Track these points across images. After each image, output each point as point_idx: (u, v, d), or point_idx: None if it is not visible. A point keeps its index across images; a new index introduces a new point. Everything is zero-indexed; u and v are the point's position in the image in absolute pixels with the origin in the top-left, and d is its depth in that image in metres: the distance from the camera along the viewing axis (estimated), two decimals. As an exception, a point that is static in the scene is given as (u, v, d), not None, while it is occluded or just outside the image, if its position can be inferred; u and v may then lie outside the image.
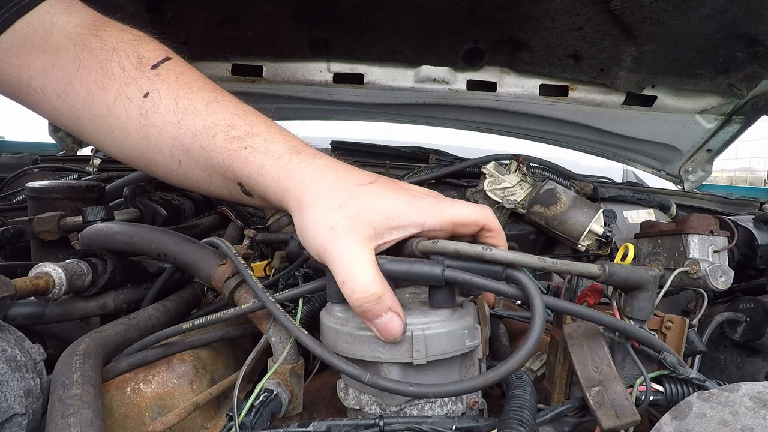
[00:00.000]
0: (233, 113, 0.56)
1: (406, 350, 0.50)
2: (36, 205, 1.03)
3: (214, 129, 0.55)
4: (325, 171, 0.53)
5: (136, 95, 0.57)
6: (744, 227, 1.08)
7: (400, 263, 0.50)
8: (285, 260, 1.04)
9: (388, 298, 0.48)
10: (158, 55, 0.59)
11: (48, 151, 1.84)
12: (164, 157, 0.59)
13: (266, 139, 0.54)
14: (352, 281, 0.48)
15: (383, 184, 0.53)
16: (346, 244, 0.49)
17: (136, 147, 0.60)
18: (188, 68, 0.60)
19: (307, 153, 0.54)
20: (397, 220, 0.51)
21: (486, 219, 0.54)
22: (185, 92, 0.57)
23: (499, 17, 1.29)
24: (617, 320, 0.54)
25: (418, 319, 0.50)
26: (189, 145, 0.56)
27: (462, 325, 0.52)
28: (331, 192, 0.51)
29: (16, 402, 0.47)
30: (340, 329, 0.53)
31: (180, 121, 0.56)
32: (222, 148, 0.55)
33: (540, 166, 1.32)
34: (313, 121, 2.06)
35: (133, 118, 0.57)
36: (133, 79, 0.57)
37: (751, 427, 0.42)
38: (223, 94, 0.59)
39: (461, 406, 0.54)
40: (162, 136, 0.57)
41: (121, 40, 0.59)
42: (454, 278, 0.49)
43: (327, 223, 0.49)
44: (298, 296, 0.63)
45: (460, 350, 0.52)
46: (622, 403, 0.50)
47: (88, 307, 0.71)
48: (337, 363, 0.49)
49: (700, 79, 1.44)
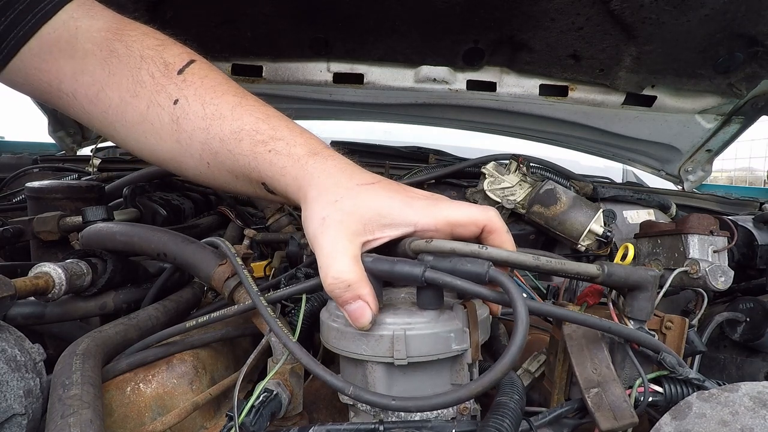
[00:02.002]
0: (257, 117, 0.59)
1: (387, 349, 0.50)
2: (36, 205, 1.03)
3: (240, 134, 0.58)
4: (333, 171, 0.55)
5: (166, 102, 0.60)
6: (744, 227, 1.08)
7: (383, 262, 0.50)
8: (285, 260, 1.04)
9: (360, 287, 0.49)
10: (182, 59, 0.61)
11: (48, 151, 1.83)
12: (194, 159, 0.62)
13: (288, 142, 0.57)
14: (327, 268, 0.50)
15: (384, 185, 0.54)
16: (332, 235, 0.51)
17: (169, 151, 0.62)
18: (211, 70, 0.63)
19: (323, 155, 0.57)
20: (389, 218, 0.52)
21: (487, 220, 0.54)
22: (211, 97, 0.60)
23: (499, 17, 1.29)
24: (602, 321, 0.52)
25: (402, 319, 0.50)
26: (217, 149, 0.59)
27: (448, 328, 0.51)
28: (331, 189, 0.53)
29: (15, 402, 0.47)
30: (331, 324, 0.54)
31: (208, 126, 0.59)
32: (248, 151, 0.57)
33: (540, 166, 1.32)
34: (313, 121, 2.06)
35: (165, 125, 0.60)
36: (162, 87, 0.60)
37: (750, 427, 0.42)
38: (246, 98, 0.61)
39: (452, 410, 0.53)
40: (192, 141, 0.60)
41: (146, 47, 0.61)
42: (434, 280, 0.49)
43: (320, 215, 0.52)
44: (290, 295, 0.63)
45: (445, 353, 0.51)
46: (621, 405, 0.50)
47: (88, 307, 0.71)
48: (322, 374, 0.49)
49: (700, 79, 1.44)
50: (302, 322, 0.62)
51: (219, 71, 0.64)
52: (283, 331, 0.54)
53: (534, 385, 0.69)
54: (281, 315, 0.67)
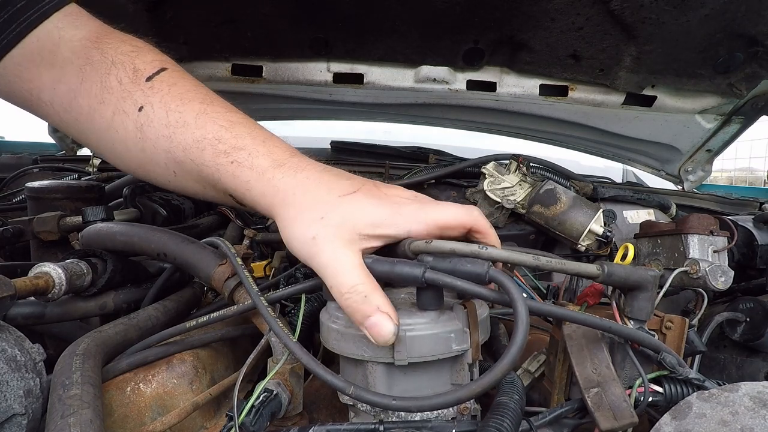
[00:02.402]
0: (221, 125, 0.56)
1: (389, 350, 0.50)
2: (36, 205, 1.03)
3: (203, 143, 0.55)
4: (308, 185, 0.53)
5: (131, 109, 0.57)
6: (744, 227, 1.08)
7: (383, 263, 0.50)
8: (285, 260, 1.04)
9: (376, 297, 0.48)
10: (154, 66, 0.59)
11: (48, 151, 1.83)
12: (161, 168, 0.60)
13: (250, 153, 0.54)
14: (339, 285, 0.48)
15: (366, 192, 0.53)
16: (330, 251, 0.49)
17: (135, 159, 0.60)
18: (182, 78, 0.60)
19: (290, 165, 0.54)
20: (381, 228, 0.51)
21: (473, 221, 0.54)
22: (176, 105, 0.57)
23: (499, 17, 1.29)
24: (603, 321, 0.53)
25: (402, 320, 0.50)
26: (181, 159, 0.57)
27: (448, 329, 0.51)
28: (312, 205, 0.51)
29: (15, 402, 0.47)
30: (332, 326, 0.54)
31: (171, 135, 0.56)
32: (210, 162, 0.55)
33: (540, 166, 1.32)
34: (313, 121, 2.05)
35: (130, 132, 0.58)
36: (129, 93, 0.57)
37: (750, 427, 0.42)
38: (213, 105, 0.58)
39: (452, 411, 0.54)
40: (156, 150, 0.58)
41: (120, 52, 0.59)
42: (434, 280, 0.49)
43: (309, 234, 0.50)
44: (290, 295, 0.63)
45: (446, 354, 0.51)
46: (621, 405, 0.50)
47: (87, 307, 0.71)
48: (322, 374, 0.49)
49: (700, 79, 1.44)
50: (302, 323, 0.62)
51: (192, 79, 0.61)
52: (284, 330, 0.54)
53: (534, 385, 0.69)
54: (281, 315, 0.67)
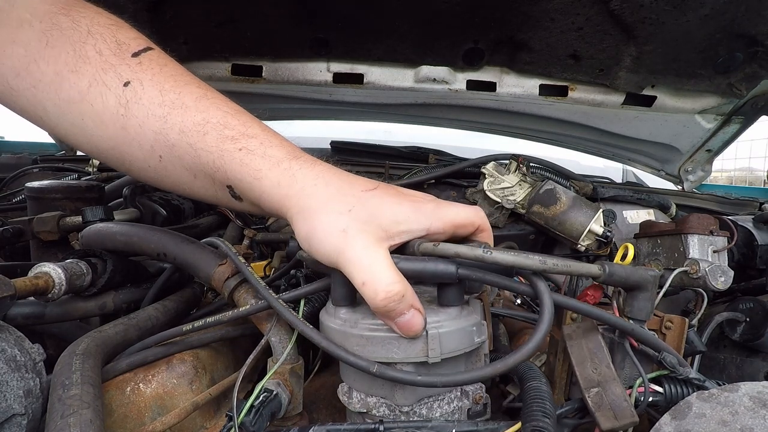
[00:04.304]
0: (225, 111, 0.54)
1: (421, 349, 0.50)
2: (36, 205, 1.03)
3: (206, 126, 0.52)
4: (329, 177, 0.52)
5: (114, 82, 0.53)
6: (744, 227, 1.08)
7: (414, 262, 0.51)
8: (285, 260, 1.04)
9: (409, 296, 0.48)
10: (138, 43, 0.56)
11: (48, 151, 1.84)
12: (143, 151, 0.55)
13: (263, 142, 0.52)
14: (374, 282, 0.47)
15: (386, 190, 0.53)
16: (362, 246, 0.48)
17: (110, 138, 0.55)
18: (171, 61, 0.57)
19: (306, 159, 0.54)
20: (405, 224, 0.51)
21: (481, 220, 0.56)
22: (171, 85, 0.54)
23: (499, 17, 1.29)
24: (626, 322, 0.54)
25: (430, 317, 0.51)
26: (175, 142, 0.53)
27: (471, 322, 0.53)
28: (338, 197, 0.50)
29: (15, 402, 0.47)
30: (350, 332, 0.52)
31: (167, 114, 0.53)
32: (213, 147, 0.52)
33: (540, 166, 1.32)
34: (313, 121, 2.05)
35: (110, 107, 0.54)
36: (111, 65, 0.53)
37: (750, 427, 0.42)
38: (212, 92, 0.56)
39: (467, 401, 0.54)
40: (143, 129, 0.54)
41: (96, 23, 0.55)
42: (468, 276, 0.51)
43: (338, 226, 0.49)
44: (300, 297, 0.63)
45: (471, 347, 0.53)
46: (621, 405, 0.50)
47: (87, 307, 0.71)
48: (345, 356, 0.50)
49: (699, 79, 1.44)
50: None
51: (179, 65, 0.58)
52: (299, 319, 0.55)
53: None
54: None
